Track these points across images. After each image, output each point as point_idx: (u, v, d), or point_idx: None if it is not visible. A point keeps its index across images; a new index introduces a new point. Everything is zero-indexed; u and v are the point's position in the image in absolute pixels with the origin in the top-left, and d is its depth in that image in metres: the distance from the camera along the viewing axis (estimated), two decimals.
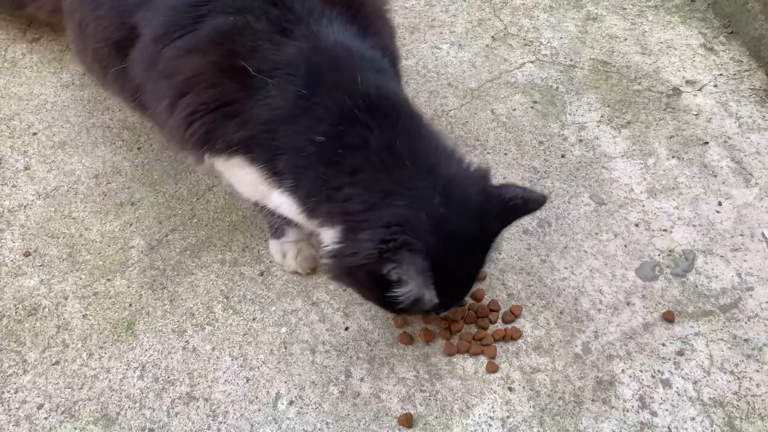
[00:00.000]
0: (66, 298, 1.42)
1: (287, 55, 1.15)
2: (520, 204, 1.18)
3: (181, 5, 1.20)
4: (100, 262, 1.48)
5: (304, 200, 1.18)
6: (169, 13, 1.21)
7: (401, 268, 1.08)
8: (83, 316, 1.40)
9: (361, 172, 1.13)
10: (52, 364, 1.33)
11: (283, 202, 1.21)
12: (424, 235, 1.10)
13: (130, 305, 1.41)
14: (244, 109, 1.16)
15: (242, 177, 1.25)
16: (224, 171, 1.29)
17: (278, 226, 1.41)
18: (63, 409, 1.27)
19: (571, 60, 1.91)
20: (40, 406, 1.28)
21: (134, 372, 1.32)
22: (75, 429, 1.25)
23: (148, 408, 1.28)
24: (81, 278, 1.45)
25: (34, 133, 1.71)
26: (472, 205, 1.16)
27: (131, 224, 1.54)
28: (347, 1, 1.25)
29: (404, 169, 1.13)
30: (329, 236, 1.18)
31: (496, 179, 1.60)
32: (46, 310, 1.40)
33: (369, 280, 1.16)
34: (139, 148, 1.69)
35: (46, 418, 1.26)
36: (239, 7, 1.17)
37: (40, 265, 1.47)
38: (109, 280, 1.45)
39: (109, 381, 1.31)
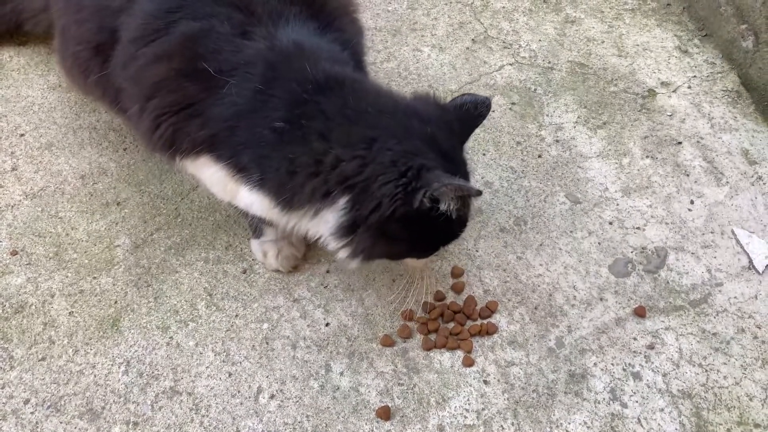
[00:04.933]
0: (52, 296, 1.45)
1: (246, 56, 1.19)
2: (470, 108, 1.24)
3: (158, 11, 1.25)
4: (86, 261, 1.51)
5: (276, 192, 1.18)
6: (146, 17, 1.26)
7: (431, 187, 1.08)
8: (69, 313, 1.42)
9: (331, 132, 1.14)
10: (39, 360, 1.36)
11: (253, 200, 1.24)
12: (428, 154, 1.13)
13: (116, 302, 1.44)
14: (205, 109, 1.20)
15: (210, 176, 1.27)
16: (195, 173, 1.33)
17: (256, 225, 1.45)
18: (49, 403, 1.30)
19: (549, 62, 1.95)
20: (27, 401, 1.31)
21: (119, 367, 1.35)
22: (61, 423, 1.28)
23: (133, 402, 1.31)
24: (67, 276, 1.48)
25: (22, 135, 1.74)
26: (440, 119, 1.20)
27: (117, 223, 1.57)
28: (308, 2, 1.30)
29: (370, 114, 1.15)
30: (333, 216, 1.15)
31: (475, 180, 1.65)
32: (33, 307, 1.43)
33: (404, 227, 1.14)
34: (125, 149, 1.72)
35: (32, 413, 1.29)
36: (207, 13, 1.23)
37: (27, 264, 1.50)
38: (94, 278, 1.48)
39: (95, 376, 1.34)
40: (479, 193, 1.11)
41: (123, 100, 1.34)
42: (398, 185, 1.10)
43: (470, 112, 1.24)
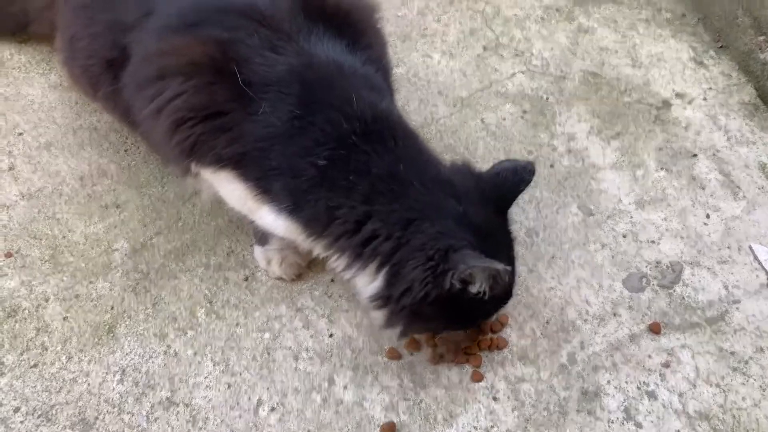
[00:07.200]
0: (47, 300, 1.40)
1: (279, 72, 1.14)
2: (509, 175, 1.20)
3: (177, 26, 1.19)
4: (83, 265, 1.46)
5: (308, 224, 1.16)
6: (165, 33, 1.20)
7: (459, 269, 1.06)
8: (64, 318, 1.37)
9: (374, 202, 1.12)
10: (30, 367, 1.31)
11: (278, 225, 1.19)
12: (458, 233, 1.11)
13: (112, 308, 1.39)
14: (236, 124, 1.14)
15: (230, 192, 1.23)
16: (212, 182, 1.28)
17: (262, 234, 1.39)
18: (40, 412, 1.25)
19: (561, 71, 1.91)
20: (17, 410, 1.25)
21: (114, 376, 1.30)
22: None
23: (127, 413, 1.26)
24: (63, 280, 1.43)
25: (20, 134, 1.69)
26: (473, 190, 1.17)
27: (116, 227, 1.52)
28: (332, 15, 1.24)
29: (413, 190, 1.13)
30: (364, 278, 1.17)
31: None
32: (26, 311, 1.38)
33: (439, 308, 1.13)
34: (125, 151, 1.67)
35: (22, 422, 1.24)
36: (232, 25, 1.17)
37: (22, 266, 1.45)
38: (91, 282, 1.43)
39: (88, 385, 1.29)
40: (506, 270, 1.08)
41: (135, 114, 1.28)
42: (426, 269, 1.09)
43: (508, 179, 1.21)
